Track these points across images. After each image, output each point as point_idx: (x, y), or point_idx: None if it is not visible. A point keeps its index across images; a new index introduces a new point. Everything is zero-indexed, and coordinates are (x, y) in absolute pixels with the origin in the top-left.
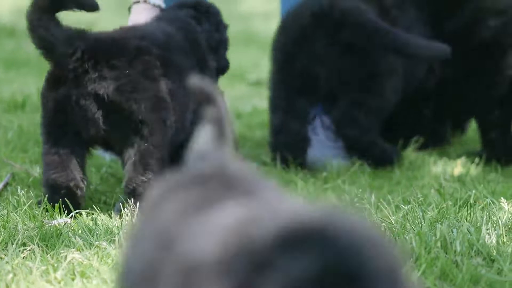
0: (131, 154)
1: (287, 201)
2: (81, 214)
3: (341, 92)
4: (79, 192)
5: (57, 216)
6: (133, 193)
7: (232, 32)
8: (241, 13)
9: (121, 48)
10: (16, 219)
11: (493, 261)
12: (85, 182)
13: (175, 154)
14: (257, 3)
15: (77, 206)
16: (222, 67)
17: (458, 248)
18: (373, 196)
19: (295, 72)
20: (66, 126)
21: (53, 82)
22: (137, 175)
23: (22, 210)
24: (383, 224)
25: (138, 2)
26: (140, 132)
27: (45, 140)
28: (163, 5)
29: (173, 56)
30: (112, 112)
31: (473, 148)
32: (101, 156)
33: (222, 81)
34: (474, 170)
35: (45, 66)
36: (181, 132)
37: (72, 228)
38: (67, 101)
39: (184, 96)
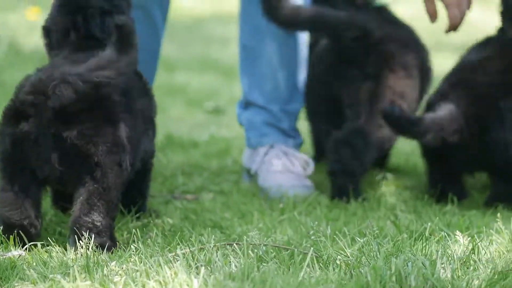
0: (81, 193)
1: None
2: (36, 246)
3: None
4: (33, 230)
5: (11, 248)
6: (77, 233)
7: (190, 57)
8: (201, 37)
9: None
10: None
11: None
12: (40, 220)
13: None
14: (216, 27)
15: (31, 240)
16: None
17: (413, 283)
18: (329, 228)
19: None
20: (23, 163)
21: (12, 117)
22: (81, 215)
23: None
24: (338, 257)
25: None
26: (93, 173)
27: (1, 176)
28: None
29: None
30: (70, 154)
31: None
32: None
33: (179, 109)
34: (430, 201)
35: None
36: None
37: (26, 260)
38: (26, 139)
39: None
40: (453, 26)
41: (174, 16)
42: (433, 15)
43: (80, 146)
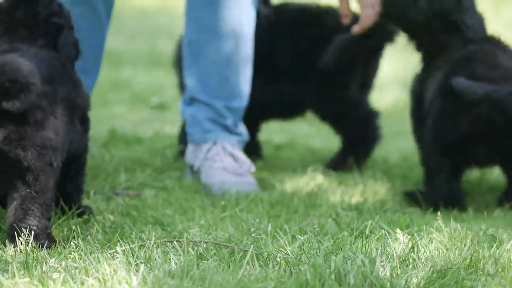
0: (14, 197)
1: None
2: None
3: None
4: None
5: None
6: (13, 239)
7: (137, 52)
8: (148, 31)
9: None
10: None
11: None
12: None
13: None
14: (164, 21)
15: None
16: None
17: (352, 281)
18: (270, 226)
19: None
20: None
21: None
22: (16, 220)
23: None
24: (278, 254)
25: None
26: (24, 178)
27: None
28: None
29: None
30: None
31: (373, 176)
32: None
33: (124, 104)
34: (372, 198)
35: None
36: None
37: None
38: None
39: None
40: (364, 27)
41: (121, 9)
42: (346, 16)
43: (8, 152)
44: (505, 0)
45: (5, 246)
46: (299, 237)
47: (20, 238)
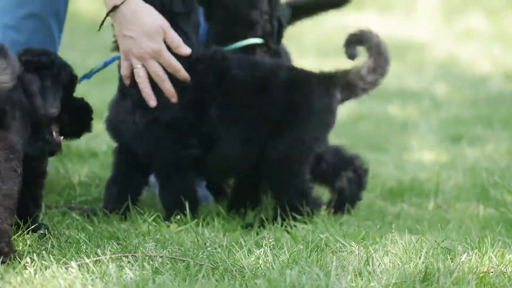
0: None
1: None
2: None
3: None
4: None
5: None
6: None
7: (91, 67)
8: (102, 45)
9: None
10: None
11: None
12: None
13: None
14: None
15: None
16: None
17: None
18: (225, 239)
19: None
20: None
21: None
22: None
23: None
24: (234, 268)
25: None
26: None
27: None
28: None
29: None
30: None
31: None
32: None
33: None
34: (326, 211)
35: None
36: None
37: None
38: None
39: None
40: None
41: (74, 22)
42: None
43: None
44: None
45: None
46: (255, 250)
47: None
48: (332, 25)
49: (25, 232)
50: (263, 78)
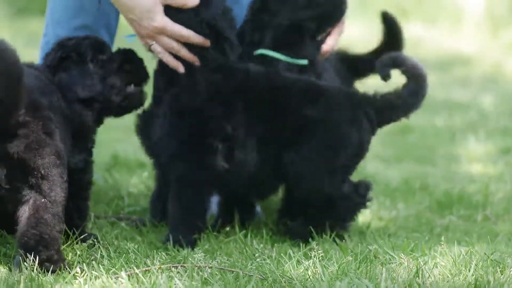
0: (25, 209)
1: None
2: None
3: None
4: None
5: None
6: (25, 247)
7: None
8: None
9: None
10: None
11: None
12: None
13: None
14: None
15: None
16: None
17: None
18: (274, 250)
19: None
20: None
21: None
22: (28, 228)
23: None
24: (283, 279)
25: None
26: (39, 187)
27: None
28: None
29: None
30: (16, 170)
31: (375, 200)
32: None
33: (124, 128)
34: (375, 223)
35: None
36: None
37: None
38: None
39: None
40: None
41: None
42: None
43: (28, 159)
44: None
45: (11, 271)
46: (304, 262)
47: (25, 263)
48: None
49: (74, 242)
50: (285, 90)
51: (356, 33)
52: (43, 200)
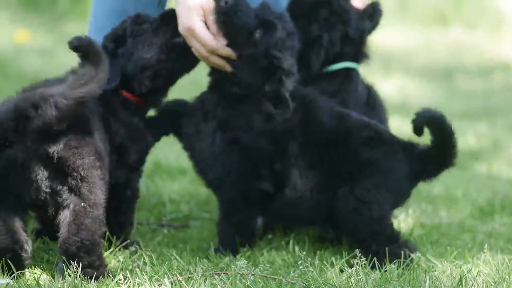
0: (66, 215)
1: None
2: (23, 274)
3: None
4: (24, 254)
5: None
6: (66, 253)
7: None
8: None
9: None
10: None
11: None
12: (29, 244)
13: None
14: None
15: (22, 267)
16: None
17: None
18: (316, 258)
19: None
20: (7, 189)
21: None
22: (69, 235)
23: None
24: (326, 287)
25: None
26: (79, 190)
27: None
28: None
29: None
30: (56, 172)
31: (418, 208)
32: None
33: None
34: (418, 230)
35: None
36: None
37: None
38: (12, 164)
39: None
40: None
41: None
42: None
43: (67, 158)
44: None
45: (53, 278)
46: (347, 269)
47: (69, 270)
48: (419, 41)
49: (117, 249)
50: (347, 131)
51: (396, 37)
52: (82, 204)
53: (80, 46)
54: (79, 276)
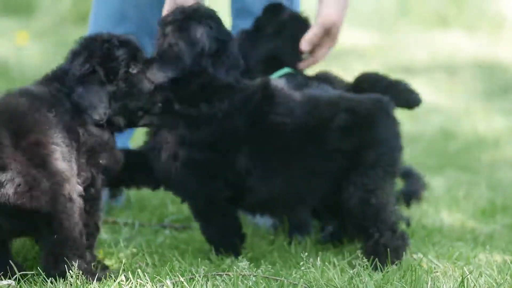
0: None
1: None
2: (26, 276)
3: None
4: None
5: (1, 278)
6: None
7: None
8: None
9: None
10: None
11: None
12: None
13: None
14: None
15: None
16: None
17: None
18: (318, 259)
19: None
20: None
21: None
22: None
23: None
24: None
25: None
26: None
27: None
28: None
29: None
30: None
31: (419, 208)
32: None
33: None
34: (419, 231)
35: None
36: None
37: None
38: None
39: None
40: None
41: None
42: None
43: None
44: None
45: (56, 280)
46: (348, 270)
47: (70, 271)
48: (419, 44)
49: (120, 249)
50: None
51: (397, 39)
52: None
53: None
54: (81, 277)
